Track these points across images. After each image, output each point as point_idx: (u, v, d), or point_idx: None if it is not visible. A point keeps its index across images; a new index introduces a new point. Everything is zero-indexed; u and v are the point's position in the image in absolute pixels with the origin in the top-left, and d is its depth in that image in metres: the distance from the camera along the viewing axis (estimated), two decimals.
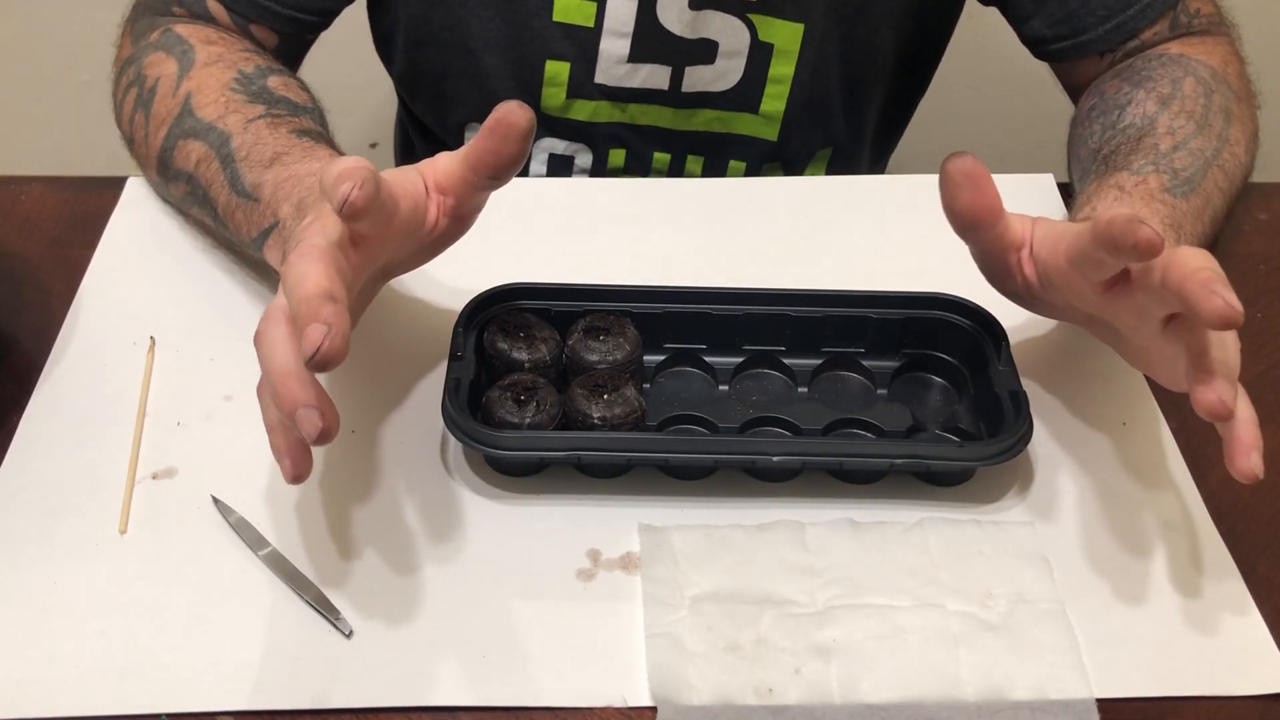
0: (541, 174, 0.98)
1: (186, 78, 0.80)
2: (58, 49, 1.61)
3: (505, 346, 0.70)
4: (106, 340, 0.75)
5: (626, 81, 0.91)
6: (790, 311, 0.73)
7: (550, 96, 0.92)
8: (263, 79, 0.79)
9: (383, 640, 0.61)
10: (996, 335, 0.71)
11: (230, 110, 0.76)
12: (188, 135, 0.77)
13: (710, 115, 0.94)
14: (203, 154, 0.75)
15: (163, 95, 0.80)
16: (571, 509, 0.67)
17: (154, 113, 0.80)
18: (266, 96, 0.78)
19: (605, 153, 0.96)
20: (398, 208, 0.59)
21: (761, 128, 0.95)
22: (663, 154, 0.96)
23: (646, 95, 0.92)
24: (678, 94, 0.92)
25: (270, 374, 0.54)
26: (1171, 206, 0.71)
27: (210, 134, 0.75)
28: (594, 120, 0.94)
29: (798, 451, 0.66)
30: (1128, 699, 0.59)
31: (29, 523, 0.65)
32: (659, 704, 0.58)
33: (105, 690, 0.58)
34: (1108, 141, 0.79)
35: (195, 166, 0.76)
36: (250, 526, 0.65)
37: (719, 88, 0.92)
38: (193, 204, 0.78)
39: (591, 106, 0.93)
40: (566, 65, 0.91)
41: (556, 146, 0.97)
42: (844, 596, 0.62)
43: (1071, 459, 0.70)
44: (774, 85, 0.92)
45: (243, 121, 0.75)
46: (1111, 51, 0.88)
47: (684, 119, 0.94)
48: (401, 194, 0.60)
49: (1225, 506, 0.68)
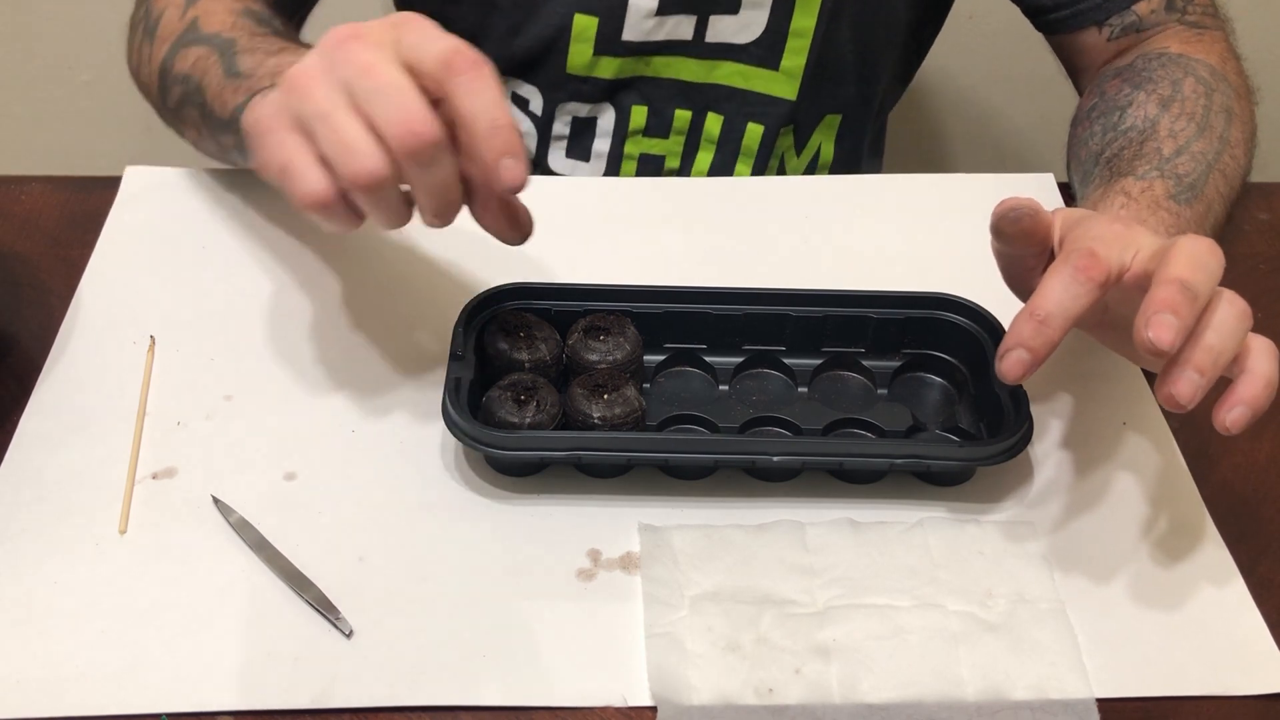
0: (564, 135, 0.98)
1: (193, 6, 0.81)
2: (58, 49, 1.61)
3: (505, 346, 0.70)
4: (106, 340, 0.75)
5: (653, 35, 0.92)
6: (790, 311, 0.73)
7: (577, 54, 0.92)
8: (271, 20, 0.81)
9: (383, 640, 0.61)
10: (996, 335, 0.71)
11: (239, 28, 0.78)
12: (189, 44, 0.78)
13: (732, 69, 0.94)
14: (202, 54, 0.76)
15: (168, 21, 0.82)
16: (571, 509, 0.67)
17: (158, 36, 0.82)
18: (274, 28, 0.79)
19: (628, 110, 0.97)
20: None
21: (781, 85, 0.95)
22: (684, 111, 0.97)
23: (670, 47, 0.93)
24: (701, 44, 0.93)
25: (490, 119, 0.55)
26: (1176, 214, 0.72)
27: (214, 40, 0.77)
28: (618, 76, 0.95)
29: (798, 451, 0.66)
30: (1128, 699, 0.59)
31: (29, 523, 0.65)
32: (659, 704, 0.58)
33: (105, 690, 0.58)
34: (1109, 144, 0.80)
35: (192, 65, 0.77)
36: (250, 526, 0.65)
37: (742, 39, 0.93)
38: (184, 104, 0.78)
39: (617, 64, 0.94)
40: (595, 20, 0.91)
41: (580, 110, 0.97)
42: (844, 596, 0.62)
43: (1071, 459, 0.70)
44: (795, 39, 0.93)
45: (249, 35, 0.76)
46: (1110, 25, 0.89)
47: (706, 71, 0.94)
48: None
49: (1225, 506, 0.68)
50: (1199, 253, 0.56)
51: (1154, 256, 0.58)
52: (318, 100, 0.56)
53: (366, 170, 0.55)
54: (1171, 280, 0.55)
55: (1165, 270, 0.56)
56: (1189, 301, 0.54)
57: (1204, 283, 0.56)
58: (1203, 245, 0.57)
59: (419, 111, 0.55)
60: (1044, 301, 0.57)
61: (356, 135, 0.55)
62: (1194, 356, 0.55)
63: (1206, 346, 0.55)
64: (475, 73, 0.55)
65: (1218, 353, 0.56)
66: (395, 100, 0.55)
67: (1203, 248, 0.57)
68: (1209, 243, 0.57)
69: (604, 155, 0.99)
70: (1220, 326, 0.56)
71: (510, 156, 0.56)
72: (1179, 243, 0.57)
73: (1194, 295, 0.55)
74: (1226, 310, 0.56)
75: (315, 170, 0.57)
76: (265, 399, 0.72)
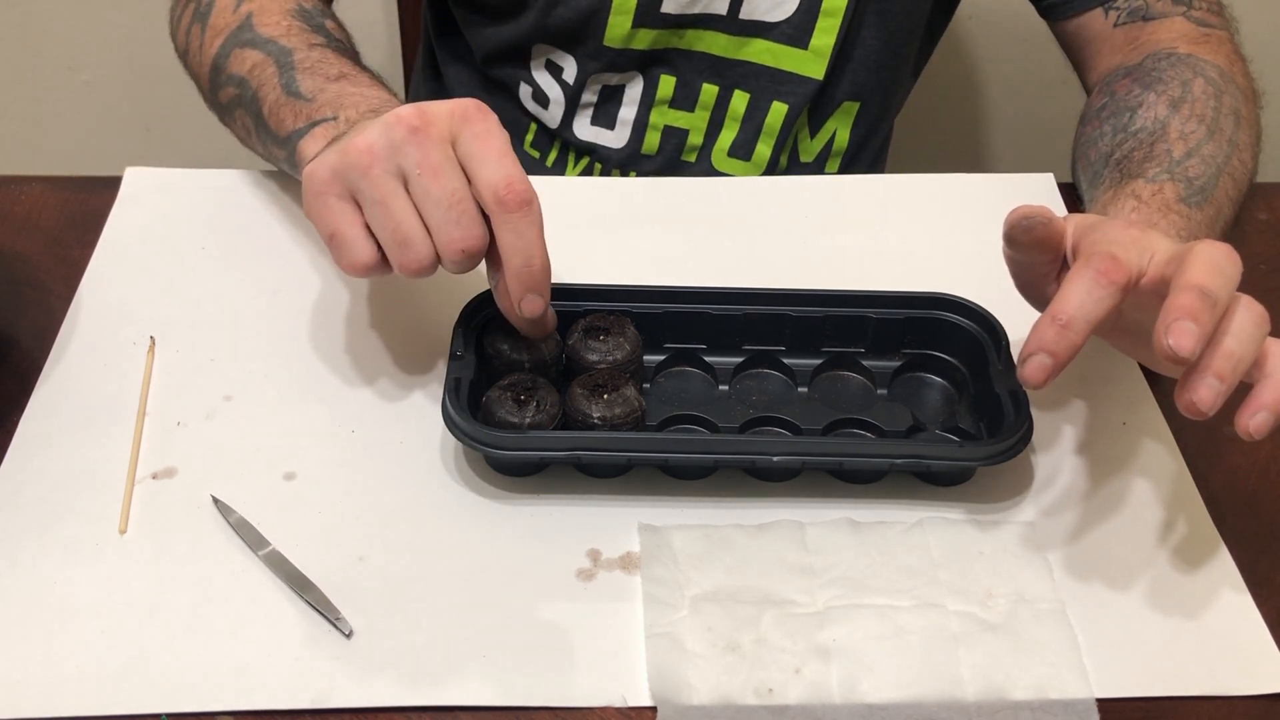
0: (592, 103, 0.99)
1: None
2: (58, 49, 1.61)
3: (505, 346, 0.70)
4: (106, 340, 0.75)
5: (690, 8, 0.93)
6: (790, 311, 0.73)
7: (616, 25, 0.93)
8: (321, 19, 0.82)
9: (383, 640, 0.61)
10: (996, 335, 0.71)
11: (293, 34, 0.79)
12: (245, 45, 0.79)
13: (762, 46, 0.95)
14: (259, 60, 0.78)
15: (221, 9, 0.83)
16: (571, 509, 0.67)
17: (211, 24, 0.82)
18: (326, 33, 0.80)
19: (656, 79, 0.97)
20: None
21: (809, 65, 0.95)
22: (711, 85, 0.97)
23: (704, 20, 0.94)
24: (735, 20, 0.93)
25: (525, 259, 0.62)
26: (1186, 218, 0.72)
27: (270, 46, 0.78)
28: (652, 48, 0.95)
29: (798, 451, 0.66)
30: (1128, 699, 0.59)
31: (29, 523, 0.65)
32: (659, 704, 0.58)
33: (105, 690, 0.58)
34: (1119, 145, 0.80)
35: (249, 70, 0.78)
36: (250, 526, 0.65)
37: (775, 17, 0.93)
38: (237, 106, 0.80)
39: (652, 35, 0.94)
40: None
41: (611, 79, 0.97)
42: (844, 596, 0.62)
43: (1071, 459, 0.70)
44: (826, 18, 0.93)
45: (306, 44, 0.78)
46: (1116, 9, 0.89)
47: (736, 47, 0.95)
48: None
49: (1225, 507, 0.68)
50: (1217, 258, 0.56)
51: (1170, 261, 0.58)
52: (376, 183, 0.62)
53: (418, 263, 0.62)
54: (1191, 287, 0.55)
55: (1184, 276, 0.55)
56: (1208, 308, 0.54)
57: (1223, 288, 0.55)
58: (1219, 250, 0.57)
59: (473, 230, 0.61)
60: (1066, 305, 0.57)
61: (412, 229, 0.62)
62: (1214, 363, 0.55)
63: (1226, 353, 0.55)
64: (523, 213, 0.61)
65: (1238, 359, 0.55)
66: (453, 216, 0.61)
67: (1220, 253, 0.57)
68: (1225, 247, 0.57)
69: (629, 123, 0.99)
70: (1239, 333, 0.56)
71: (534, 293, 0.63)
72: (1196, 248, 0.57)
73: (1213, 302, 0.55)
74: (1245, 316, 0.56)
75: (363, 243, 0.63)
76: (265, 399, 0.72)
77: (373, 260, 0.63)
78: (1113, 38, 0.91)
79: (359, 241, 0.63)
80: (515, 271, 0.62)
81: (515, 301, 0.63)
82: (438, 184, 0.61)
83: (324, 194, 0.63)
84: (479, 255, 0.62)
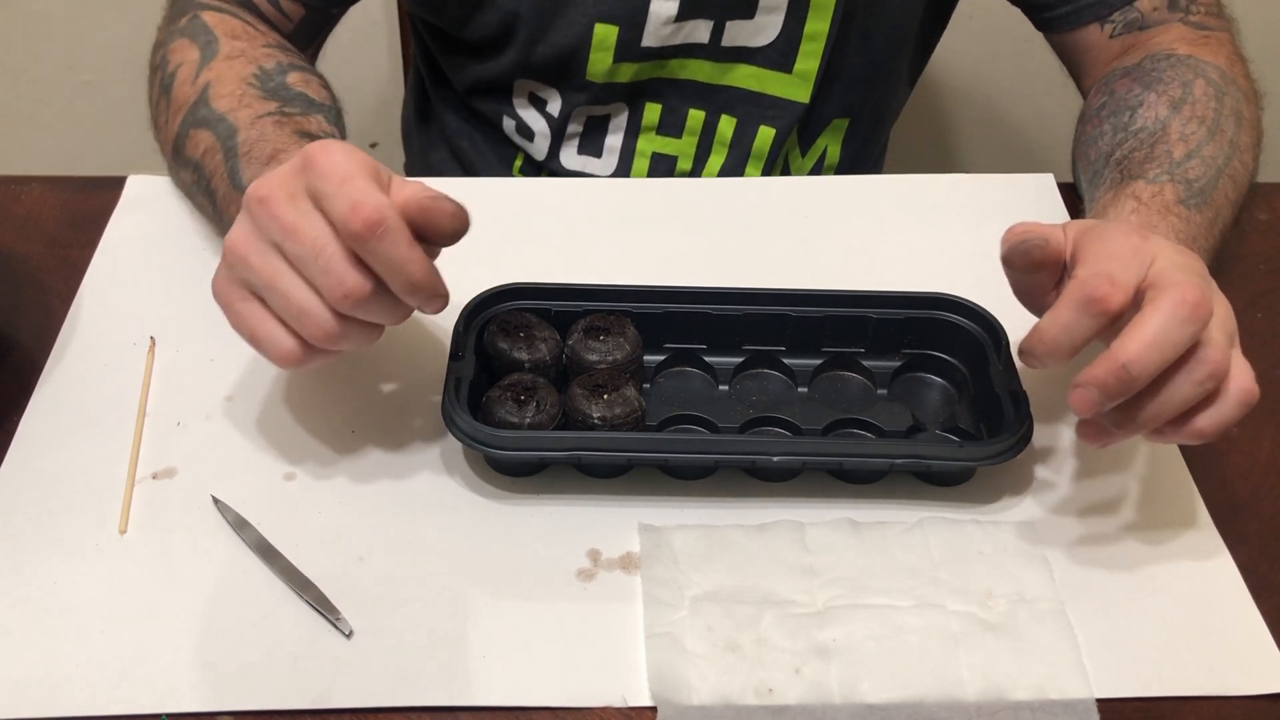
0: (578, 133, 0.98)
1: (207, 68, 0.81)
2: (58, 49, 1.61)
3: (505, 346, 0.70)
4: (106, 340, 0.75)
5: (671, 40, 0.92)
6: (790, 311, 0.73)
7: (597, 62, 0.93)
8: (282, 75, 0.80)
9: (383, 640, 0.61)
10: (997, 335, 0.71)
11: (243, 104, 0.77)
12: (199, 124, 0.78)
13: (747, 71, 0.95)
14: (210, 144, 0.76)
15: (182, 81, 0.81)
16: (571, 509, 0.67)
17: (173, 98, 0.81)
18: (283, 93, 0.78)
19: (641, 108, 0.97)
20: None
21: (794, 89, 0.95)
22: (697, 111, 0.97)
23: (687, 50, 0.93)
24: (717, 47, 0.93)
25: (403, 281, 0.59)
26: (1186, 220, 0.72)
27: (219, 125, 0.76)
28: (635, 80, 0.95)
29: (798, 451, 0.66)
30: (1128, 699, 0.59)
31: (29, 523, 0.65)
32: (659, 704, 0.58)
33: (105, 690, 0.58)
34: (1119, 144, 0.79)
35: (202, 156, 0.77)
36: (250, 526, 0.65)
37: (757, 43, 0.93)
38: (198, 192, 0.79)
39: (634, 68, 0.94)
40: (615, 29, 0.91)
41: (596, 110, 0.97)
42: (844, 596, 0.62)
43: (1071, 459, 0.70)
44: (809, 43, 0.93)
45: (252, 117, 0.75)
46: (1111, 22, 0.89)
47: (721, 73, 0.95)
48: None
49: (1225, 507, 0.68)
50: (1168, 327, 0.56)
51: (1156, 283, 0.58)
52: (257, 269, 0.60)
53: (324, 331, 0.60)
54: (1116, 363, 0.56)
55: (1122, 345, 0.56)
56: (1122, 386, 0.56)
57: (1154, 363, 0.56)
58: (1181, 312, 0.56)
59: (345, 273, 0.58)
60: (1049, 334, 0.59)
61: (303, 299, 0.59)
62: (1115, 417, 0.59)
63: (1130, 416, 0.59)
64: (377, 237, 0.57)
65: (1138, 425, 0.59)
66: (322, 264, 0.58)
67: (1180, 315, 0.56)
68: (1191, 304, 0.56)
69: (616, 150, 0.99)
70: (1164, 404, 0.58)
71: (429, 299, 0.60)
72: (1160, 302, 0.57)
73: (1130, 381, 0.56)
74: (1184, 379, 0.57)
75: (280, 333, 0.61)
76: (265, 399, 0.72)
77: (296, 346, 0.61)
78: (1109, 47, 0.90)
79: (275, 333, 0.61)
80: (401, 291, 0.59)
81: (420, 310, 0.61)
82: (298, 241, 0.59)
83: (229, 304, 0.62)
84: (367, 294, 0.59)
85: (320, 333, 0.59)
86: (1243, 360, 0.59)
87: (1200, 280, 0.58)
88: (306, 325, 0.60)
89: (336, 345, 0.61)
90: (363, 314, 0.60)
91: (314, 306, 0.59)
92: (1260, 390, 0.59)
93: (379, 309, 0.60)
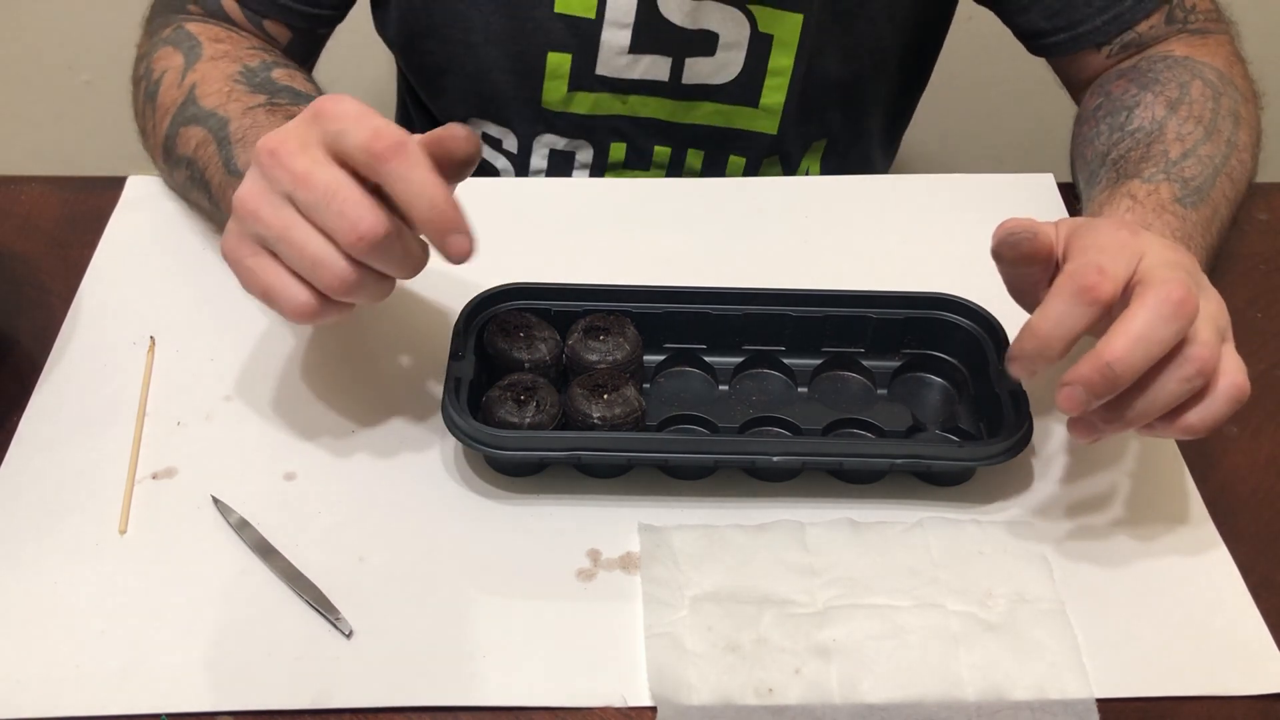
0: (542, 170, 0.98)
1: (191, 70, 0.80)
2: (58, 49, 1.61)
3: (505, 346, 0.70)
4: (106, 340, 0.75)
5: (627, 73, 0.91)
6: (790, 311, 0.73)
7: (551, 90, 0.92)
8: (267, 71, 0.80)
9: (383, 640, 0.61)
10: (996, 335, 0.71)
11: (232, 99, 0.77)
12: (189, 122, 0.78)
13: (710, 108, 0.94)
14: (202, 138, 0.76)
15: (168, 86, 0.81)
16: (571, 509, 0.67)
17: (159, 103, 0.81)
18: (269, 87, 0.78)
19: (606, 146, 0.96)
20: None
21: (761, 121, 0.95)
22: (663, 147, 0.96)
23: (647, 87, 0.92)
24: (678, 85, 0.92)
25: (427, 202, 0.57)
26: (1182, 218, 0.72)
27: (210, 120, 0.76)
28: (595, 113, 0.94)
29: (798, 451, 0.66)
30: (1128, 699, 0.59)
31: (29, 523, 0.65)
32: (659, 704, 0.58)
33: (105, 690, 0.58)
34: (1116, 144, 0.79)
35: (194, 151, 0.77)
36: (250, 526, 0.65)
37: (719, 80, 0.92)
38: (192, 188, 0.79)
39: (592, 99, 0.93)
40: (568, 57, 0.91)
41: (557, 143, 0.96)
42: (844, 596, 0.62)
43: (1071, 459, 0.70)
44: (774, 78, 0.92)
45: (242, 108, 0.75)
46: (1109, 44, 0.89)
47: (684, 111, 0.94)
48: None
49: (1225, 507, 0.68)
50: (1152, 324, 0.56)
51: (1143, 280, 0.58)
52: (269, 222, 0.59)
53: (339, 280, 0.58)
54: (1102, 362, 0.56)
55: (1108, 344, 0.56)
56: (1107, 384, 0.56)
57: (1139, 361, 0.56)
58: (1165, 310, 0.56)
59: (363, 213, 0.57)
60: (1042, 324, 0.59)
61: (318, 248, 0.58)
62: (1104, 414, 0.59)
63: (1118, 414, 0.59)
64: (400, 157, 0.56)
65: (1126, 422, 0.59)
66: (336, 208, 0.57)
67: (1165, 313, 0.56)
68: (1175, 302, 0.56)
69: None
70: (1151, 401, 0.58)
71: (454, 233, 0.58)
72: (1145, 299, 0.57)
73: (1115, 379, 0.56)
74: (1169, 378, 0.57)
75: (295, 286, 0.60)
76: (265, 399, 0.72)
77: (311, 298, 0.60)
78: (1107, 65, 0.90)
79: (290, 287, 0.60)
80: (423, 219, 0.57)
81: (440, 249, 0.59)
82: (310, 188, 0.57)
83: (239, 261, 0.61)
84: (382, 235, 0.57)
85: (335, 281, 0.58)
86: (1235, 356, 0.59)
87: (1187, 277, 0.58)
88: (321, 275, 0.58)
89: (351, 295, 0.59)
90: (378, 259, 0.58)
91: (328, 255, 0.58)
92: (1259, 389, 0.59)
93: (394, 254, 0.59)
